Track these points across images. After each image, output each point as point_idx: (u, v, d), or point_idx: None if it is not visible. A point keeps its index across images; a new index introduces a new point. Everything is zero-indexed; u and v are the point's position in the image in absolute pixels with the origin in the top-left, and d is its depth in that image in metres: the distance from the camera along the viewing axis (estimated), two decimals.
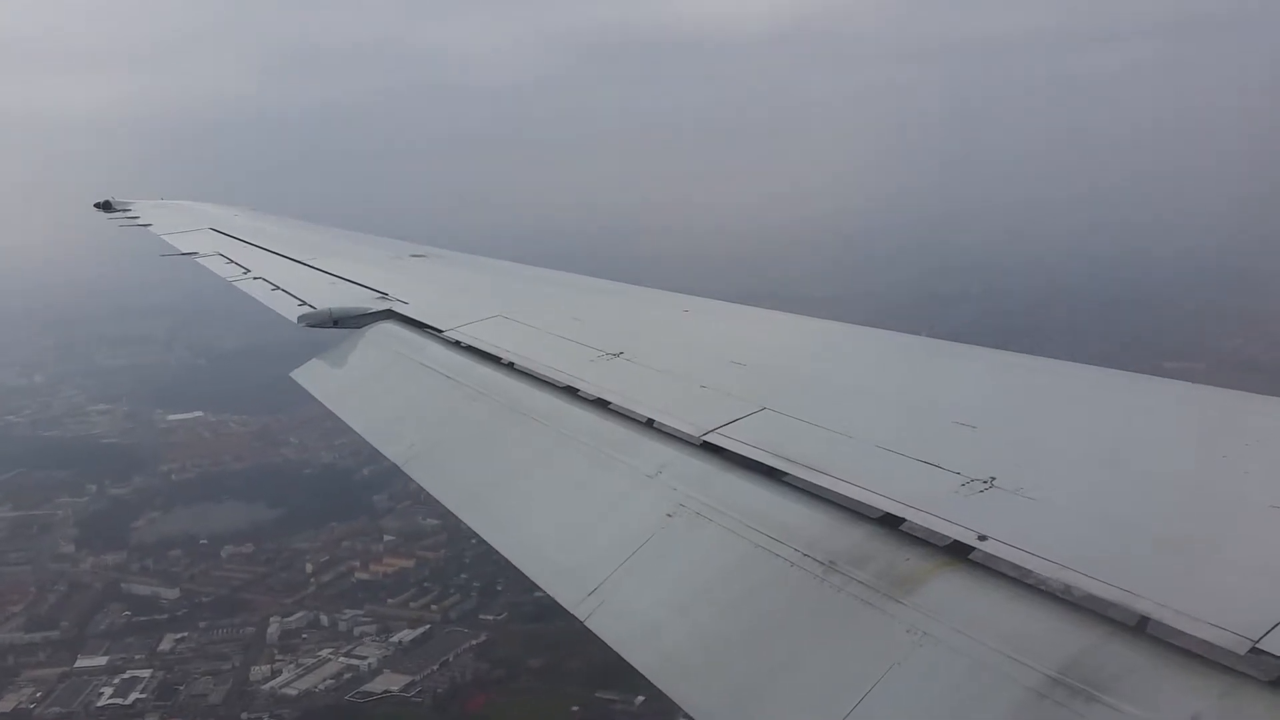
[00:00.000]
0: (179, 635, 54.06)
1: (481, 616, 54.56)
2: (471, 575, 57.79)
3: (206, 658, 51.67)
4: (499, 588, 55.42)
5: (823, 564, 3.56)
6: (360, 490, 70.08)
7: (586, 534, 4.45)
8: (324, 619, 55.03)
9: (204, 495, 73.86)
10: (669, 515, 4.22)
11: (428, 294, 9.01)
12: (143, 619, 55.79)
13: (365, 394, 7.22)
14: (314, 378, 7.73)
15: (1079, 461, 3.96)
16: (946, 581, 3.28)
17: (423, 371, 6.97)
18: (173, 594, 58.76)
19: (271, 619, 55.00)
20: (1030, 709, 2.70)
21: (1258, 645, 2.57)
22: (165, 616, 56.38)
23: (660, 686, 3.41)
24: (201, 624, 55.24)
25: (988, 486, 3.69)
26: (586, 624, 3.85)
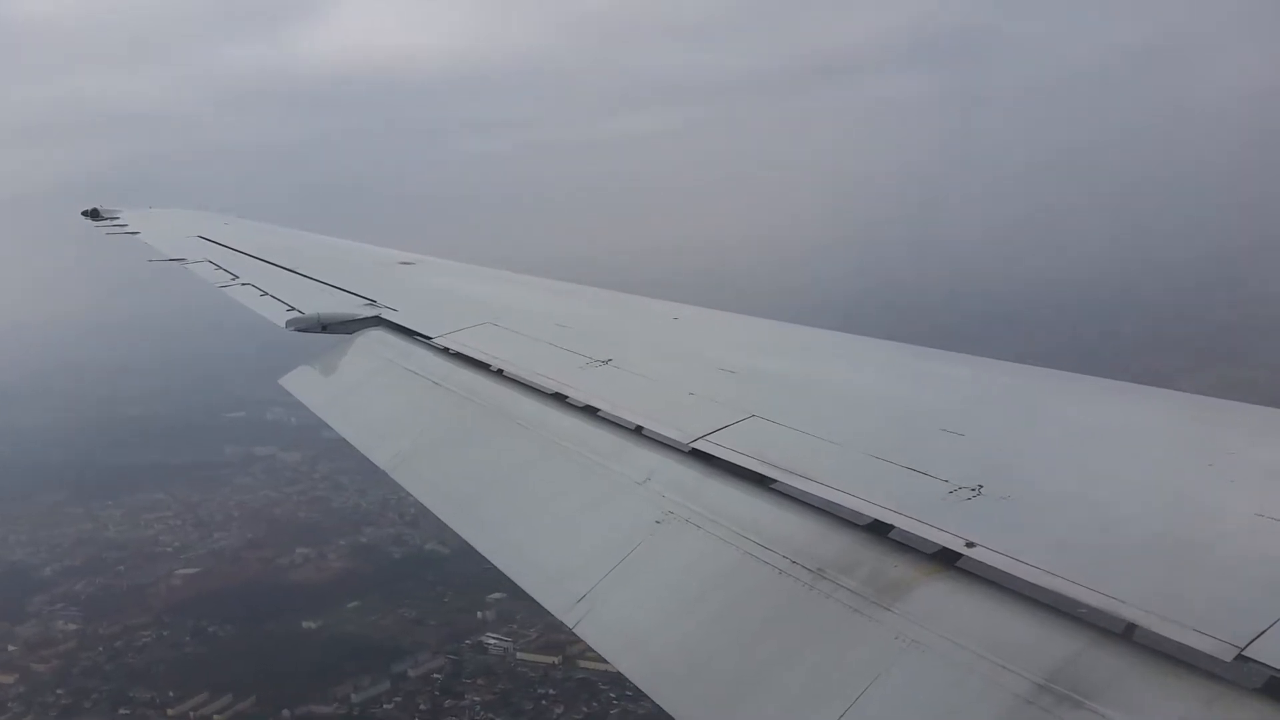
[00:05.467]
0: None
1: None
2: (69, 690, 54.88)
3: None
4: (87, 705, 53.45)
5: (811, 571, 3.58)
6: (30, 591, 67.56)
7: (575, 541, 4.45)
8: None
9: None
10: (657, 522, 4.22)
11: (416, 301, 9.01)
12: None
13: (353, 400, 7.22)
14: (302, 384, 7.77)
15: (1066, 469, 3.98)
16: (934, 588, 3.30)
17: (411, 378, 6.97)
18: None
19: None
20: (1017, 716, 2.72)
21: (1244, 653, 2.59)
22: None
23: (649, 693, 3.43)
24: None
25: (975, 494, 3.71)
26: (575, 631, 3.88)
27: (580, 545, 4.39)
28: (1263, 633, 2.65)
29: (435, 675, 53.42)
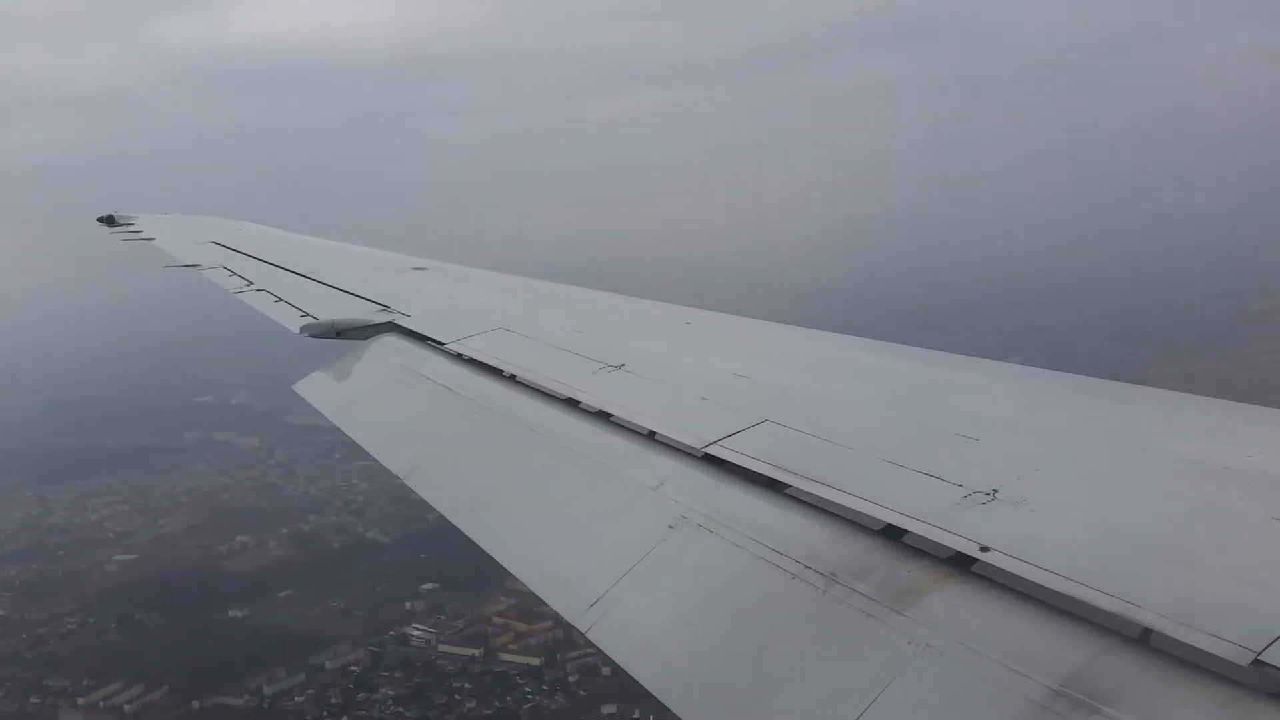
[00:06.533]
0: None
1: None
2: None
3: None
4: None
5: (824, 576, 3.58)
6: None
7: (588, 546, 4.45)
8: None
9: None
10: (670, 527, 4.22)
11: (429, 306, 9.06)
12: None
13: (367, 406, 7.27)
14: (316, 390, 7.79)
15: (1081, 473, 3.97)
16: (948, 593, 3.30)
17: (424, 384, 7.00)
18: None
19: None
20: None
21: (1260, 657, 2.58)
22: None
23: (661, 699, 3.42)
24: None
25: (990, 498, 3.70)
26: (588, 636, 3.86)
27: (593, 550, 4.39)
28: (1279, 637, 2.64)
29: (352, 667, 52.72)
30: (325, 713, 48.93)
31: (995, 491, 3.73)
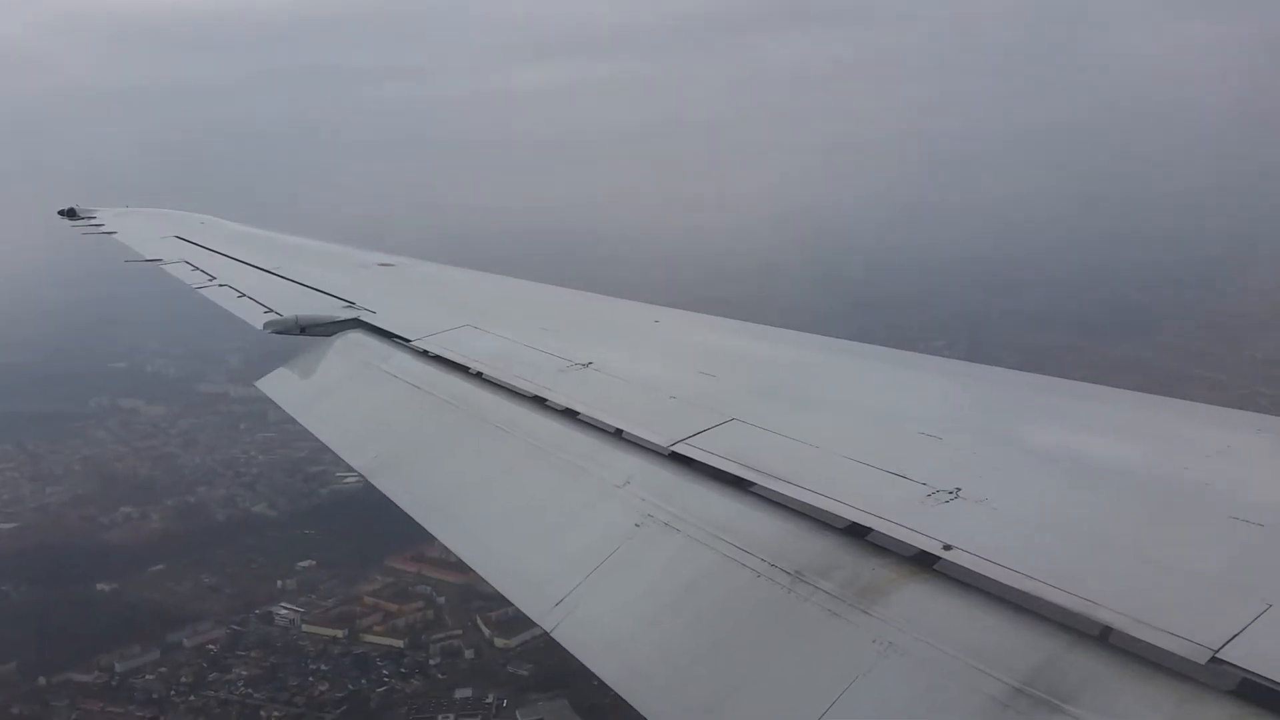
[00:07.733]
0: None
1: None
2: None
3: None
4: None
5: (789, 574, 3.58)
6: None
7: (553, 544, 4.43)
8: None
9: None
10: (637, 525, 4.22)
11: (395, 303, 8.94)
12: None
13: (331, 403, 7.17)
14: (279, 387, 7.69)
15: (1043, 472, 4.01)
16: (912, 591, 3.31)
17: (390, 381, 6.92)
18: None
19: None
20: (994, 719, 2.73)
21: (1218, 655, 2.62)
22: None
23: (627, 698, 3.40)
24: None
25: (953, 497, 3.72)
26: (553, 635, 3.83)
27: (559, 549, 4.37)
28: (1236, 635, 2.67)
29: (210, 646, 51.62)
30: (173, 692, 47.91)
31: (958, 490, 3.76)
